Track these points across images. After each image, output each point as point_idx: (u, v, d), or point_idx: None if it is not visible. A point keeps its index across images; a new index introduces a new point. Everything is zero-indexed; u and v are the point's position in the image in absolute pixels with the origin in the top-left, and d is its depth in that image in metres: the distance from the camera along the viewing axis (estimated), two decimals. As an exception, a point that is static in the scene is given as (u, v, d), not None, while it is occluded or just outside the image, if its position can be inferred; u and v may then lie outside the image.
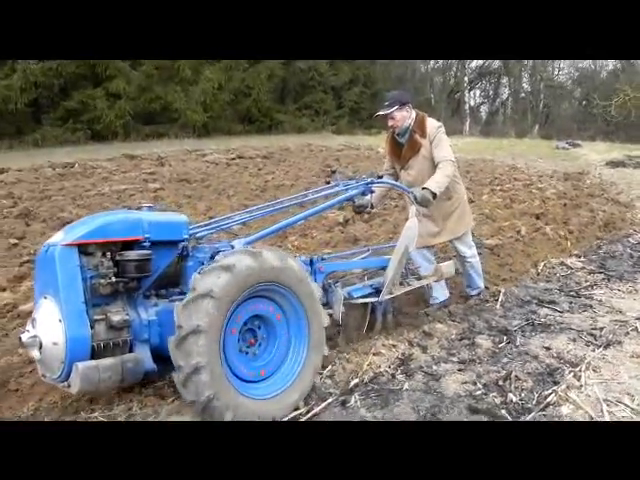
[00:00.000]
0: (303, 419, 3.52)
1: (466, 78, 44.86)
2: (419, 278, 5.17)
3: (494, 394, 3.88)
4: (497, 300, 5.86)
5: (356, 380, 4.00)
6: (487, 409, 3.65)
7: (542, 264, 7.32)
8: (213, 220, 4.77)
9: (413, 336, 4.83)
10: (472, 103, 47.59)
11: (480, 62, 44.69)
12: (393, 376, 4.13)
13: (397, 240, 4.94)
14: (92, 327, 3.28)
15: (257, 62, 27.28)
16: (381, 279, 4.82)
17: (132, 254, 3.42)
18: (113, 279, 3.35)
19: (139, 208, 3.88)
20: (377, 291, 4.77)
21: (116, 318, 3.33)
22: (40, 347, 3.25)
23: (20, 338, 3.33)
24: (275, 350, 3.66)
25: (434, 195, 4.93)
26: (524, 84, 45.07)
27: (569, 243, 8.48)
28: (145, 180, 11.83)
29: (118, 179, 12.04)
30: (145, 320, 3.50)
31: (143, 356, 3.43)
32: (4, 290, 5.69)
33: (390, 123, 5.31)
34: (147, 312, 3.55)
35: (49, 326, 3.24)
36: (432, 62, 43.54)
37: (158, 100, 23.93)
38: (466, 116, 42.87)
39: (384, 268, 4.84)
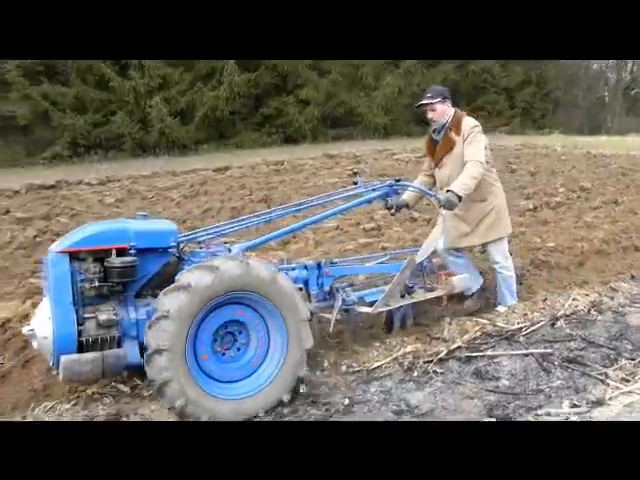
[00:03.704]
0: (524, 332, 4.96)
1: (643, 74, 43.41)
2: (431, 290, 5.02)
3: (670, 327, 5.14)
4: (677, 269, 6.96)
5: (561, 312, 5.39)
6: (665, 336, 4.94)
7: None
8: (229, 222, 4.93)
9: (601, 290, 6.11)
10: (650, 100, 45.88)
11: (659, 58, 42.88)
12: (588, 311, 5.48)
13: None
14: (82, 324, 3.58)
15: (433, 66, 28.67)
16: None
17: (116, 261, 3.65)
18: (97, 283, 3.63)
19: (134, 217, 4.12)
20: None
21: (103, 317, 3.59)
22: (36, 339, 3.65)
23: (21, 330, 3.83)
24: (253, 350, 3.87)
25: (459, 198, 4.80)
26: None
27: None
28: (350, 175, 13.64)
29: (325, 174, 13.94)
30: (134, 319, 3.74)
31: (128, 351, 3.67)
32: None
33: (430, 115, 5.20)
34: (137, 311, 3.78)
35: (42, 322, 3.60)
36: (606, 59, 42.43)
37: (343, 105, 26.10)
38: (643, 114, 41.60)
39: None
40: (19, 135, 22.35)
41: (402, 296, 4.85)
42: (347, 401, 3.94)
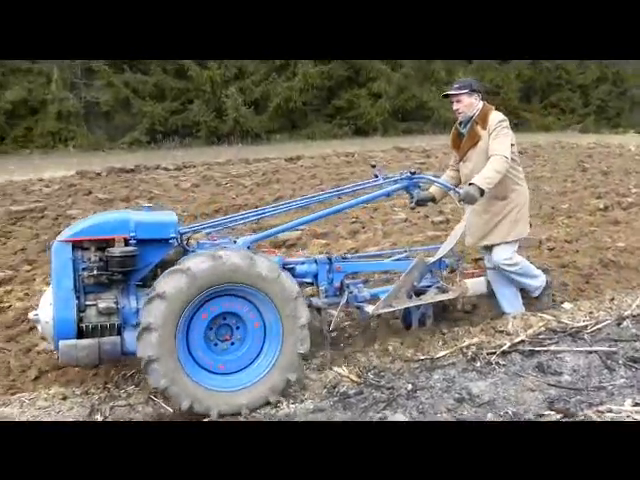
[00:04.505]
0: (589, 330, 5.00)
1: None
2: (445, 290, 4.82)
3: None
4: None
5: (628, 312, 5.41)
6: None
7: None
8: (236, 215, 4.98)
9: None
10: None
11: None
12: (656, 313, 5.48)
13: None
14: (83, 311, 3.68)
15: (506, 62, 28.35)
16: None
17: (116, 251, 3.71)
18: (95, 272, 3.70)
19: (140, 208, 4.20)
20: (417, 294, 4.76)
21: (102, 305, 3.68)
22: (40, 324, 3.81)
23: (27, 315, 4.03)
24: (247, 345, 3.85)
25: (482, 191, 4.56)
26: None
27: None
28: (419, 168, 13.72)
29: (395, 167, 14.02)
30: (134, 308, 3.78)
31: (127, 339, 3.72)
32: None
33: (455, 106, 4.99)
34: (138, 301, 3.80)
35: (45, 307, 3.73)
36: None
37: (414, 99, 26.15)
38: None
39: None
40: (101, 121, 23.32)
41: (409, 297, 4.62)
42: (410, 386, 4.09)
